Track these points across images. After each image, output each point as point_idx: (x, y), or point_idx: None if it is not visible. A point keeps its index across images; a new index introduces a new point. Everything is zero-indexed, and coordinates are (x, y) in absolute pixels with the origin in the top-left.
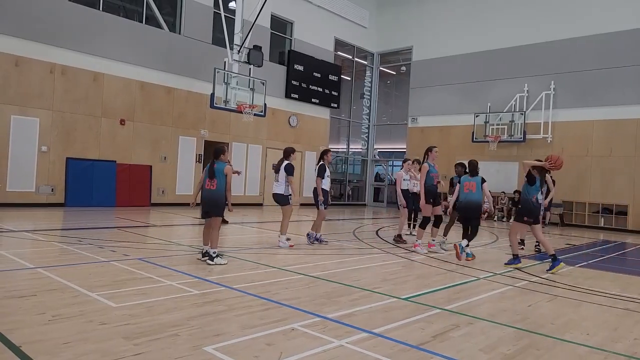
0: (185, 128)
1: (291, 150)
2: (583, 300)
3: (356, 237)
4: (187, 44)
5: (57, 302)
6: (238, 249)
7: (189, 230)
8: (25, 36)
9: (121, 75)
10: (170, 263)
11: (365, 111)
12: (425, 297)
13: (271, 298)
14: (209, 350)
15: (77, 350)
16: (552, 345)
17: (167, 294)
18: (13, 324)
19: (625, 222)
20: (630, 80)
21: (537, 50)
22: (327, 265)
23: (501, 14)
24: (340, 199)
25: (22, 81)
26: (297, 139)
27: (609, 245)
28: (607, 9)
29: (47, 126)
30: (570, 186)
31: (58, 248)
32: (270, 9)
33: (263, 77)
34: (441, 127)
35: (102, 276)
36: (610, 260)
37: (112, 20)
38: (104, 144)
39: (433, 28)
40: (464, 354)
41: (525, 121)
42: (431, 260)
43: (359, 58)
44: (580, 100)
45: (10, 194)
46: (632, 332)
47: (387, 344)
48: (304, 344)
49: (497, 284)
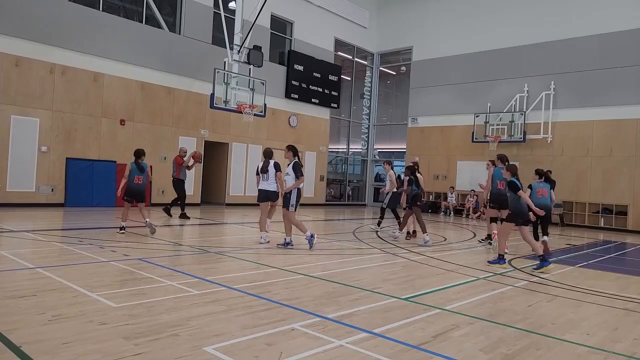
0: (185, 128)
1: (271, 151)
2: (583, 300)
3: (356, 237)
4: (187, 44)
5: (57, 302)
6: (238, 249)
7: (189, 230)
8: (25, 36)
9: (121, 75)
10: (170, 263)
11: (365, 111)
12: (425, 297)
13: (271, 298)
14: (209, 350)
15: (77, 350)
16: (552, 345)
17: (167, 294)
18: (13, 324)
19: (625, 222)
20: (631, 80)
21: (537, 50)
22: (327, 265)
23: (501, 14)
24: (340, 199)
25: (22, 81)
26: (297, 139)
27: (609, 245)
28: (607, 9)
29: (47, 126)
30: (570, 186)
31: (58, 248)
32: (270, 9)
33: (263, 77)
34: (441, 127)
35: (102, 276)
36: (610, 260)
37: (112, 20)
38: (104, 144)
39: (433, 28)
40: (464, 354)
41: (525, 121)
42: (431, 260)
43: (359, 58)
44: (580, 100)
45: (10, 194)
46: (632, 332)
47: (387, 344)
48: (304, 344)
49: (497, 284)
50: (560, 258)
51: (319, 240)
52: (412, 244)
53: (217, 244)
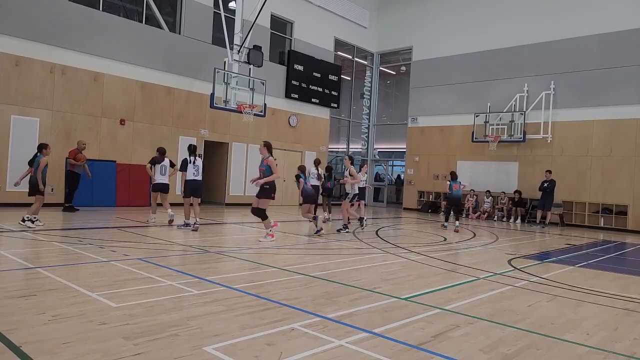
0: (185, 128)
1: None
2: (583, 300)
3: (356, 237)
4: (187, 44)
5: (57, 302)
6: (238, 248)
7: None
8: (25, 36)
9: (121, 75)
10: (170, 263)
11: (365, 111)
12: (425, 297)
13: (271, 298)
14: (209, 350)
15: (77, 350)
16: (552, 345)
17: (167, 294)
18: (13, 324)
19: (625, 222)
20: (630, 80)
21: (537, 50)
22: (327, 265)
23: (501, 14)
24: (340, 199)
25: (22, 81)
26: (297, 139)
27: (609, 245)
28: (607, 9)
29: (47, 126)
30: (570, 186)
31: (58, 248)
32: (270, 9)
33: (263, 77)
34: (441, 127)
35: (102, 276)
36: (610, 260)
37: (112, 20)
38: (104, 144)
39: (433, 28)
40: (464, 354)
41: (525, 121)
42: (431, 260)
43: (359, 58)
44: (580, 100)
45: (10, 194)
46: (632, 332)
47: (387, 344)
48: (304, 344)
49: (497, 284)
50: (560, 258)
51: (319, 240)
52: (412, 244)
53: (217, 243)
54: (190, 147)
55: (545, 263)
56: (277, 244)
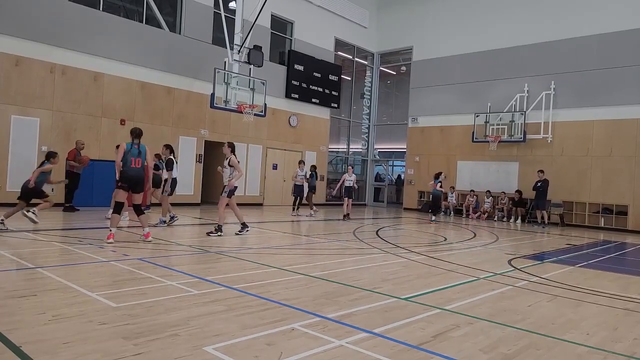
0: (185, 128)
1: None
2: (583, 300)
3: (356, 237)
4: (187, 44)
5: (57, 302)
6: (238, 249)
7: (189, 230)
8: (25, 36)
9: (121, 75)
10: (170, 263)
11: (366, 111)
12: (425, 297)
13: (271, 298)
14: (209, 350)
15: (77, 350)
16: (552, 345)
17: (167, 294)
18: (13, 324)
19: (625, 222)
20: (631, 80)
21: (537, 50)
22: (327, 265)
23: (501, 14)
24: (340, 199)
25: (22, 81)
26: (298, 139)
27: (609, 245)
28: (607, 9)
29: (47, 126)
30: (571, 186)
31: (58, 248)
32: (270, 9)
33: (263, 77)
34: (441, 127)
35: (102, 276)
36: (611, 260)
37: (112, 20)
38: (104, 144)
39: (433, 28)
40: (464, 354)
41: (525, 121)
42: (431, 260)
43: (359, 58)
44: (581, 100)
45: (10, 194)
46: (632, 332)
47: (387, 344)
48: (304, 344)
49: (497, 284)
50: (561, 258)
51: (319, 240)
52: (412, 244)
53: (217, 243)
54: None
55: (545, 263)
56: (277, 244)
